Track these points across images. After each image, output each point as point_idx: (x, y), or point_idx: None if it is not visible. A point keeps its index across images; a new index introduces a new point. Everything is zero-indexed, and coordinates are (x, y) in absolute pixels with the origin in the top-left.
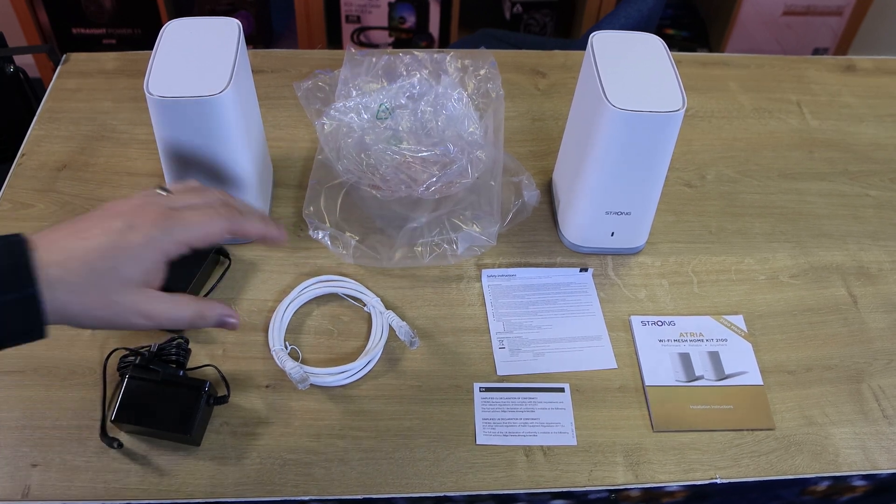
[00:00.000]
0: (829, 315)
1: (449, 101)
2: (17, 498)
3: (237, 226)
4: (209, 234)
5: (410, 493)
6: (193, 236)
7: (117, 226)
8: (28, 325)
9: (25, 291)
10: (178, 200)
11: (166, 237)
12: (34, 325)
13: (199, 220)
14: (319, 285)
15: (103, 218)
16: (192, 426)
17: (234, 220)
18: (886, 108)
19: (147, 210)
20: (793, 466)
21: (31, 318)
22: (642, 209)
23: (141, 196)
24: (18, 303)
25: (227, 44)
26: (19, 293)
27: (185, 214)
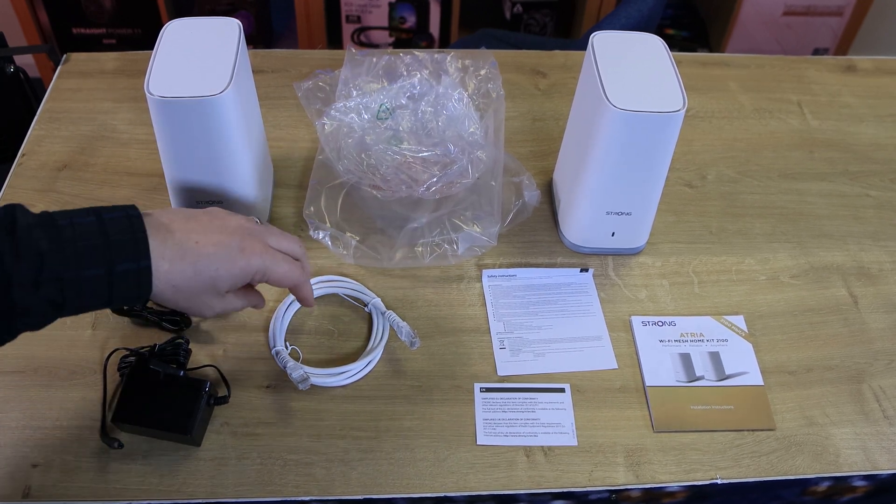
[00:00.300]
0: (829, 315)
1: (449, 101)
2: (18, 498)
3: (303, 286)
4: (285, 282)
5: (411, 494)
6: (276, 279)
7: (230, 244)
8: (137, 291)
9: (140, 263)
10: (274, 238)
11: (261, 271)
12: (142, 291)
13: (287, 269)
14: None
15: (218, 230)
16: (193, 426)
17: (305, 280)
18: (886, 109)
19: (255, 240)
20: (793, 467)
21: (143, 285)
22: (643, 209)
23: (244, 219)
24: (133, 272)
25: (228, 44)
26: (135, 264)
27: (278, 258)
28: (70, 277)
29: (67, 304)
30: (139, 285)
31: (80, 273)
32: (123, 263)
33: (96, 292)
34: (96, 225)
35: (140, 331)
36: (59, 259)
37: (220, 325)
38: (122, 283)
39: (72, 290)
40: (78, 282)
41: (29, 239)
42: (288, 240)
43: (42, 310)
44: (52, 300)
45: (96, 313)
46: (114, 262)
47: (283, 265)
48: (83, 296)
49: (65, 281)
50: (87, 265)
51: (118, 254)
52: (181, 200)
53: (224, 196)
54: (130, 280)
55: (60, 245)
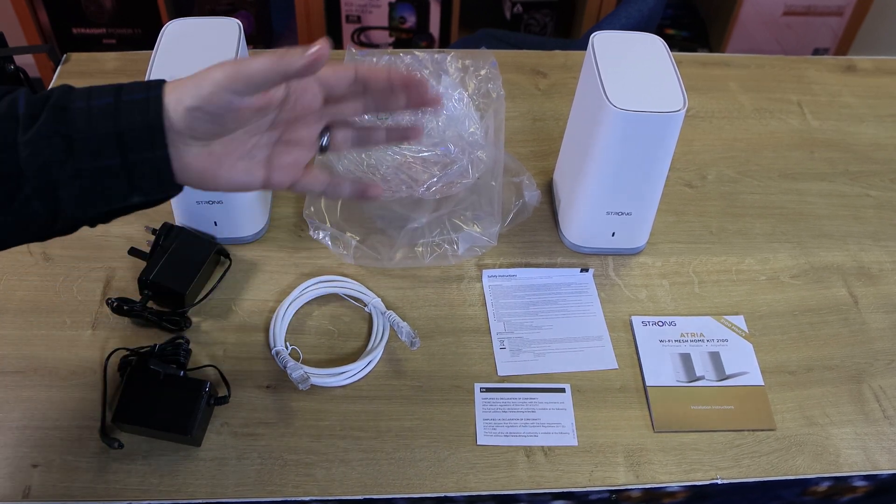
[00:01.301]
0: (829, 315)
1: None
2: (18, 498)
3: (288, 58)
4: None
5: (411, 494)
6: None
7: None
8: (161, 182)
9: (157, 153)
10: None
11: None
12: (167, 178)
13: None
14: (320, 285)
15: None
16: (193, 426)
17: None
18: (887, 109)
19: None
20: (793, 467)
21: (164, 176)
22: (643, 209)
23: None
24: (151, 160)
25: (228, 44)
26: (152, 153)
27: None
28: (77, 107)
29: (75, 138)
30: (148, 108)
31: (89, 103)
32: (131, 94)
33: (104, 118)
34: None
35: (140, 331)
36: (63, 92)
37: (220, 325)
38: (130, 108)
39: (78, 119)
40: (87, 110)
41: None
42: None
43: (44, 146)
44: (56, 130)
45: (96, 314)
46: (121, 94)
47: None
48: (91, 119)
49: (68, 110)
50: (99, 96)
51: (127, 92)
52: (181, 200)
53: (224, 196)
54: (139, 105)
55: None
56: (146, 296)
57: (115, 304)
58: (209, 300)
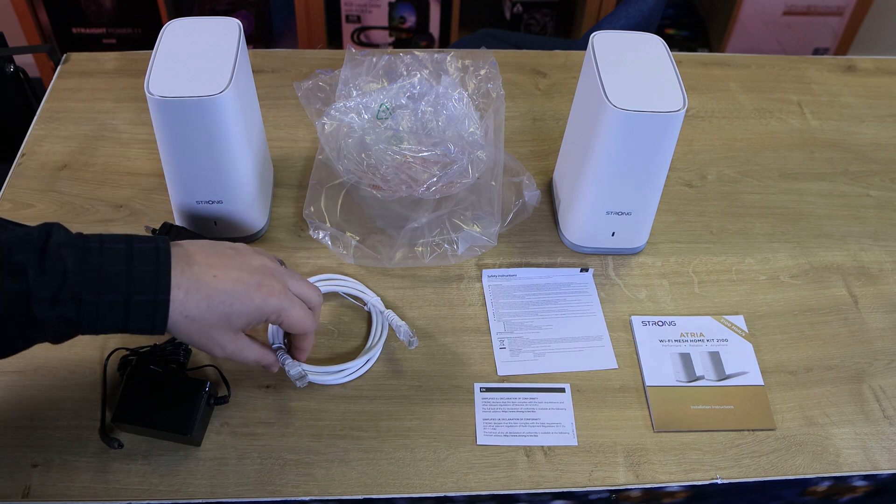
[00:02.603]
0: (829, 315)
1: (449, 101)
2: (18, 498)
3: (311, 337)
4: (298, 327)
5: (411, 494)
6: (290, 323)
7: (249, 281)
8: (152, 324)
9: (158, 296)
10: (294, 283)
11: (276, 311)
12: (157, 324)
13: (302, 315)
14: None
15: (239, 267)
16: (193, 426)
17: (313, 330)
18: (887, 109)
19: (275, 280)
20: (793, 467)
21: (158, 318)
22: (643, 209)
23: (268, 258)
24: (150, 304)
25: (228, 44)
26: (153, 297)
27: (296, 302)
28: (88, 299)
29: (83, 324)
30: (154, 316)
31: (98, 296)
32: (142, 294)
33: (112, 317)
34: (124, 252)
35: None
36: (81, 280)
37: None
38: (138, 313)
39: (88, 312)
40: (95, 304)
41: (56, 257)
42: (308, 287)
43: (58, 325)
44: (68, 318)
45: None
46: (133, 291)
47: (298, 310)
48: (99, 318)
49: (82, 302)
50: (107, 290)
51: (138, 284)
52: (181, 200)
53: (224, 196)
54: (147, 310)
55: (85, 266)
56: None
57: None
58: None
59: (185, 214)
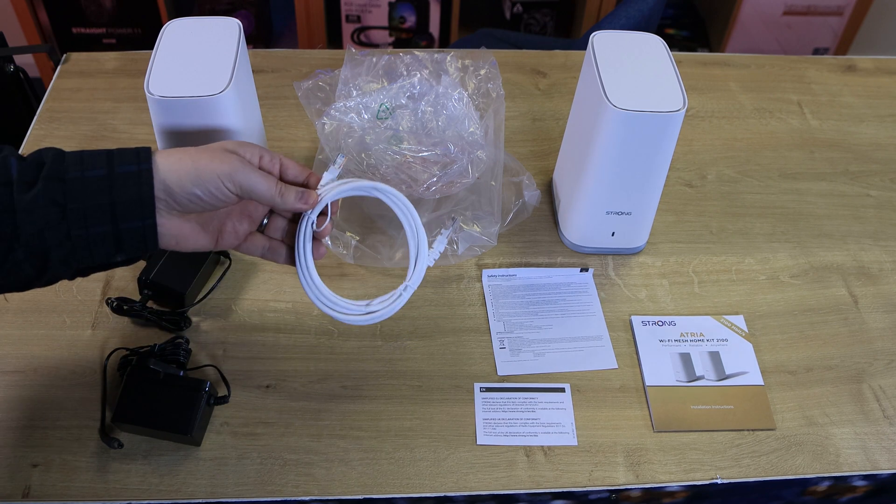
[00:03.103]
0: (829, 315)
1: (449, 101)
2: (18, 498)
3: (282, 195)
4: (263, 194)
5: (411, 494)
6: (256, 184)
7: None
8: (145, 246)
9: (146, 222)
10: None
11: (234, 150)
12: (151, 244)
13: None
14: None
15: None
16: (192, 426)
17: (277, 191)
18: (887, 108)
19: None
20: (793, 467)
21: (150, 241)
22: (643, 209)
23: None
24: (140, 229)
25: (228, 44)
26: (142, 222)
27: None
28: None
29: (72, 223)
30: (145, 240)
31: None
32: (130, 222)
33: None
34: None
35: (140, 331)
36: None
37: (219, 325)
38: (129, 239)
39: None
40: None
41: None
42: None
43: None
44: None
45: (96, 313)
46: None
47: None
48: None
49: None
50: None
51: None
52: None
53: None
54: (136, 237)
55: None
56: (146, 295)
57: (115, 303)
58: (209, 300)
59: None
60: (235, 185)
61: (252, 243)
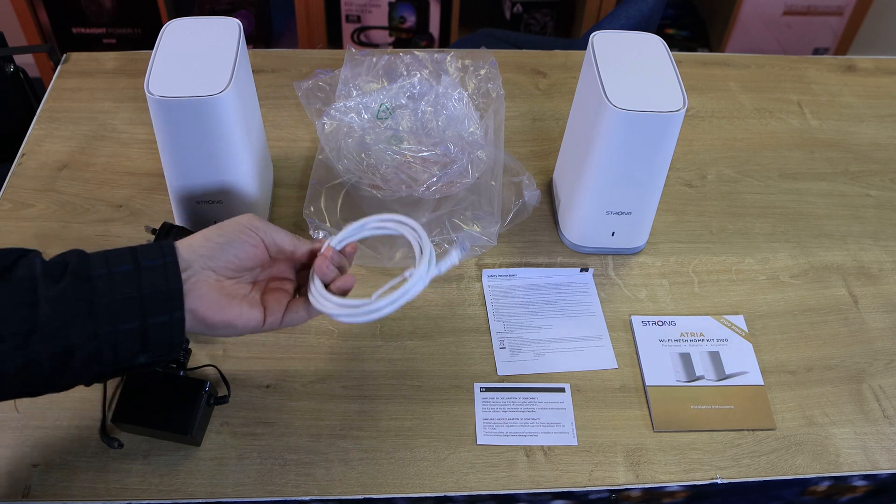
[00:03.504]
0: (829, 315)
1: (449, 100)
2: (17, 498)
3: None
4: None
5: (411, 494)
6: (273, 236)
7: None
8: (171, 343)
9: (174, 315)
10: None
11: (251, 224)
12: (178, 341)
13: (281, 231)
14: (380, 224)
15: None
16: (193, 426)
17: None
18: (887, 108)
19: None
20: (793, 466)
21: (176, 335)
22: (643, 209)
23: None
24: (167, 323)
25: (228, 44)
26: (170, 315)
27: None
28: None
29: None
30: (172, 334)
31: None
32: (158, 317)
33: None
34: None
35: None
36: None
37: None
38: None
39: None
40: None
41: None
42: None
43: (81, 372)
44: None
45: None
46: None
47: (276, 228)
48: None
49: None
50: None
51: (152, 306)
52: (181, 200)
53: (224, 196)
54: (164, 330)
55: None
56: None
57: None
58: None
59: (185, 214)
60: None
61: (295, 313)
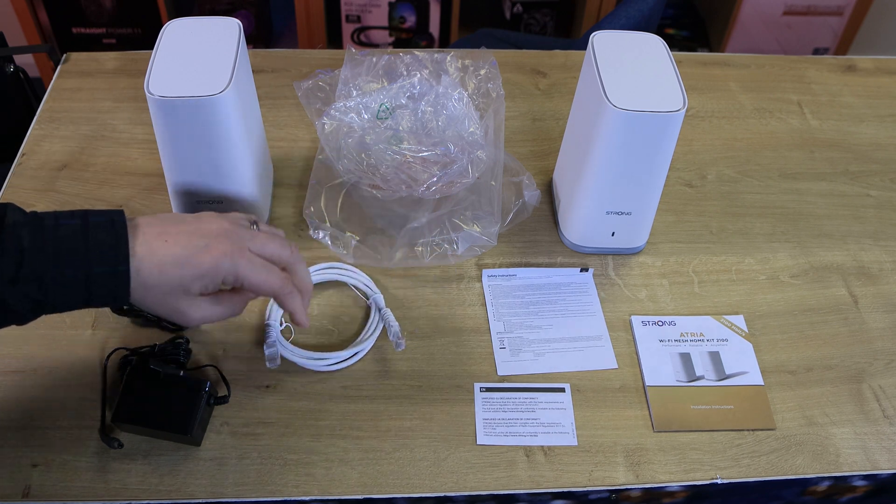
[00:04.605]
0: (829, 315)
1: (449, 100)
2: (17, 498)
3: (284, 298)
4: (260, 288)
5: (411, 494)
6: (251, 284)
7: (197, 244)
8: (115, 296)
9: (117, 268)
10: (257, 242)
11: (231, 273)
12: (120, 296)
13: (260, 274)
14: (323, 271)
15: (190, 232)
16: (192, 426)
17: (284, 292)
18: (887, 108)
19: (227, 238)
20: (793, 467)
21: (120, 289)
22: (643, 209)
23: (231, 221)
24: (110, 276)
25: (228, 44)
26: (112, 268)
27: (255, 263)
28: (49, 276)
29: (47, 302)
30: (116, 287)
31: (58, 272)
32: (101, 266)
33: (74, 292)
34: (80, 227)
35: (140, 331)
36: (39, 257)
37: (220, 325)
38: (99, 285)
39: (50, 288)
40: (56, 280)
41: (13, 236)
42: (274, 243)
43: (21, 305)
44: (31, 296)
45: (96, 313)
46: (91, 264)
47: (257, 270)
48: (61, 294)
49: (44, 279)
50: (67, 265)
51: (96, 257)
52: (181, 200)
53: (224, 196)
54: (108, 282)
55: (42, 244)
56: None
57: None
58: None
59: None
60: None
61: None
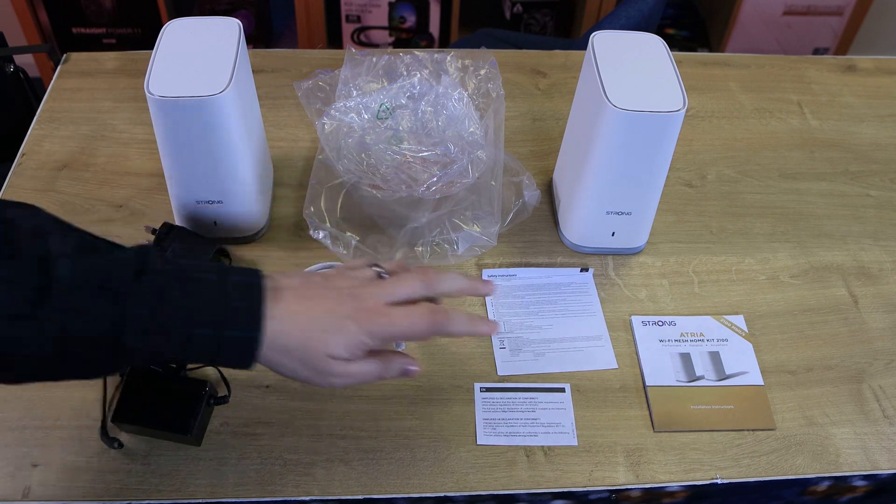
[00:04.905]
0: (829, 315)
1: (449, 100)
2: (18, 498)
3: (441, 328)
4: (412, 335)
5: (411, 494)
6: (399, 336)
7: (342, 310)
8: (241, 359)
9: (250, 333)
10: (393, 293)
11: (375, 336)
12: (246, 360)
13: (409, 323)
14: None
15: (331, 296)
16: (193, 426)
17: (438, 323)
18: (887, 108)
19: (368, 302)
20: (793, 467)
21: (247, 354)
22: (643, 209)
23: (362, 272)
24: (241, 340)
25: (228, 44)
26: (244, 333)
27: (397, 316)
28: (180, 331)
29: (170, 355)
30: (245, 352)
31: (190, 329)
32: (234, 330)
33: (202, 351)
34: (218, 285)
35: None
36: (174, 311)
37: None
38: (229, 348)
39: (178, 344)
40: (187, 337)
41: (153, 285)
42: (403, 286)
43: (147, 354)
44: (157, 348)
45: None
46: (225, 326)
47: (403, 322)
48: (188, 351)
49: (173, 333)
50: (200, 324)
51: (232, 320)
52: (181, 200)
53: (224, 196)
54: (238, 346)
55: (178, 296)
56: None
57: None
58: None
59: (185, 214)
60: (375, 343)
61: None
